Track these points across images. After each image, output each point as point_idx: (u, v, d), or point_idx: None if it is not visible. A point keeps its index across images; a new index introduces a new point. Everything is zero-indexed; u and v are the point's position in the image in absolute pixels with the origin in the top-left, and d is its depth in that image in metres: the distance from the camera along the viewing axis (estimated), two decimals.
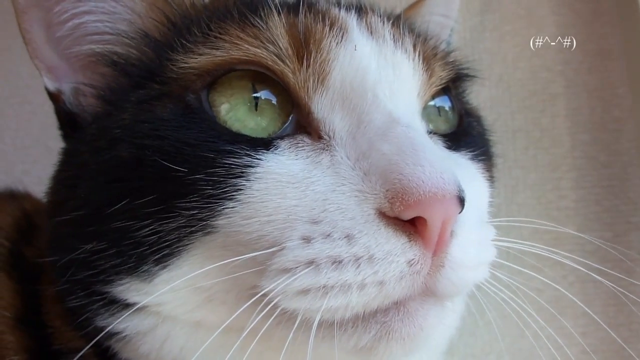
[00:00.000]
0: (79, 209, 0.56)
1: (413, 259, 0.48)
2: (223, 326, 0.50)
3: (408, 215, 0.47)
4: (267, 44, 0.55)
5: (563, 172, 1.10)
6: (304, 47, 0.55)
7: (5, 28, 1.20)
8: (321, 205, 0.49)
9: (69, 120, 0.64)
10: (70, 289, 0.57)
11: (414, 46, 0.61)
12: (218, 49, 0.55)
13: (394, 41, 0.60)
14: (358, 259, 0.47)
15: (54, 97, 0.64)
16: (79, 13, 0.61)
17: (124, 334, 0.56)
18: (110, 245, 0.54)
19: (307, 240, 0.48)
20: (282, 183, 0.51)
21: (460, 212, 0.49)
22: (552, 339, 0.66)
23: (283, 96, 0.55)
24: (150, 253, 0.52)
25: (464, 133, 0.66)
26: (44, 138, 1.15)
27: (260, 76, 0.55)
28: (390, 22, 0.62)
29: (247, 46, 0.55)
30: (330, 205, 0.49)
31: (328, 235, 0.48)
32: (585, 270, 0.69)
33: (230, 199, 0.50)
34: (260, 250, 0.49)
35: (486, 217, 0.62)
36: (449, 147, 0.63)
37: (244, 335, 0.49)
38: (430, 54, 0.63)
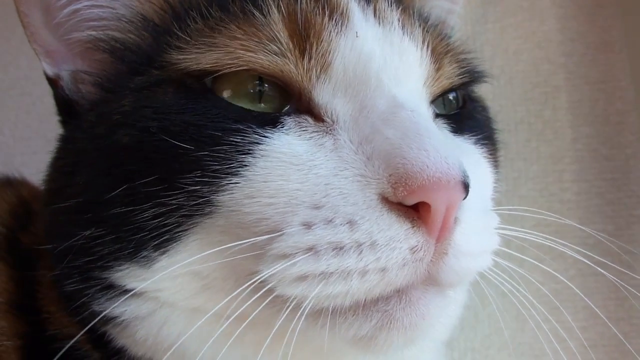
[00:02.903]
0: (77, 196, 0.55)
1: (416, 246, 0.47)
2: (213, 310, 0.50)
3: (411, 200, 0.47)
4: (267, 42, 0.53)
5: (565, 165, 1.09)
6: (304, 39, 0.54)
7: (4, 19, 1.20)
8: (323, 190, 0.49)
9: (66, 106, 0.63)
10: (68, 274, 0.56)
11: (423, 34, 0.60)
12: (214, 50, 0.53)
13: (402, 28, 0.59)
14: (360, 245, 0.47)
15: (53, 82, 0.64)
16: None
17: (121, 319, 0.56)
18: (109, 231, 0.53)
19: (307, 226, 0.48)
20: (285, 163, 0.50)
21: (464, 198, 0.48)
22: (553, 332, 0.65)
23: (286, 86, 0.54)
24: (150, 238, 0.52)
25: (468, 116, 0.66)
26: (43, 130, 1.15)
27: None
28: (400, 8, 0.61)
29: (242, 52, 0.53)
30: (333, 190, 0.49)
31: (330, 220, 0.48)
32: (587, 262, 0.68)
33: (235, 175, 0.50)
34: (260, 236, 0.49)
35: (490, 205, 0.62)
36: (453, 131, 0.62)
37: (231, 318, 0.49)
38: (439, 46, 0.62)
